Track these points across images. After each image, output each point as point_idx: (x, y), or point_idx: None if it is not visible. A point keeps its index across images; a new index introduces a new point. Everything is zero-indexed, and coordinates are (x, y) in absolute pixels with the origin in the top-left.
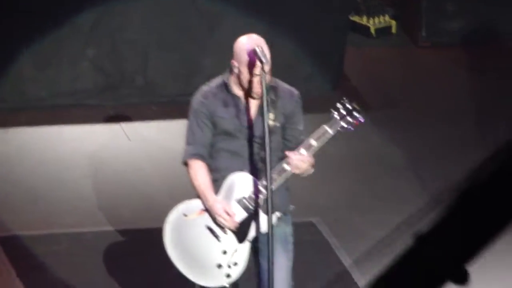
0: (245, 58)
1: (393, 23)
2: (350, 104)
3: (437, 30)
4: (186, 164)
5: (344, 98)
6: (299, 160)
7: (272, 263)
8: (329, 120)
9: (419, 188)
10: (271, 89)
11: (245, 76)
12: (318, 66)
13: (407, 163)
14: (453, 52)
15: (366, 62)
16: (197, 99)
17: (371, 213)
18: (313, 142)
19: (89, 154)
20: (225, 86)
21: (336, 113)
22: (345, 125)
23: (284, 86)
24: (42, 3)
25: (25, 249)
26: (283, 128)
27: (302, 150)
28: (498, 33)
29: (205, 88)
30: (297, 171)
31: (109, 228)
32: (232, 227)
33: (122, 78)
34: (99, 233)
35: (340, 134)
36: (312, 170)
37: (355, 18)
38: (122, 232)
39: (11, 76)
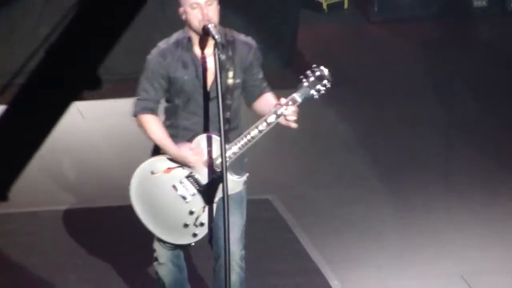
0: (189, 10)
1: None
2: (319, 70)
3: (389, 5)
4: (135, 116)
5: (314, 65)
6: (294, 112)
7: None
8: (298, 88)
9: (373, 163)
10: (228, 44)
11: (192, 21)
12: (270, 42)
13: (360, 139)
14: (405, 27)
15: (318, 38)
16: (155, 58)
17: (327, 189)
18: (297, 97)
19: None
20: (182, 43)
21: (305, 80)
22: (315, 93)
23: (240, 38)
24: None
25: None
26: (244, 81)
27: (290, 103)
28: (449, 7)
29: (162, 45)
30: (288, 123)
31: (65, 207)
32: (202, 163)
33: None
34: (54, 211)
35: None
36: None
37: None
38: (78, 211)
39: None
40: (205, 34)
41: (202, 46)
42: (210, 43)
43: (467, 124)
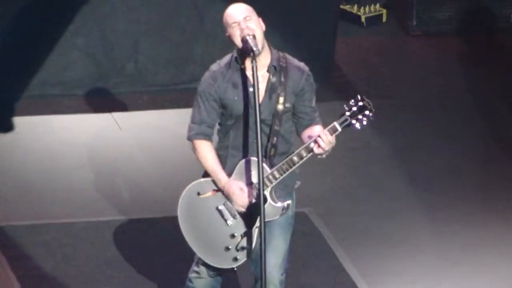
0: (228, 22)
1: (384, 11)
2: (362, 100)
3: (427, 19)
4: (190, 141)
5: (358, 96)
6: (328, 143)
7: (265, 248)
8: (339, 117)
9: (409, 178)
10: (281, 68)
11: (236, 39)
12: (308, 55)
13: (397, 154)
14: (444, 41)
15: (357, 51)
16: (206, 81)
17: (363, 203)
18: (338, 126)
19: (80, 144)
20: (233, 64)
21: (347, 109)
22: (356, 123)
23: (293, 63)
24: None
25: (15, 239)
26: (295, 106)
27: (326, 132)
28: (489, 21)
29: (214, 67)
30: (319, 152)
31: (100, 218)
32: (246, 205)
33: (113, 67)
34: (89, 223)
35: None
36: (325, 154)
37: (346, 7)
38: (113, 223)
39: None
40: (244, 46)
41: (251, 67)
42: (260, 64)
43: (505, 139)
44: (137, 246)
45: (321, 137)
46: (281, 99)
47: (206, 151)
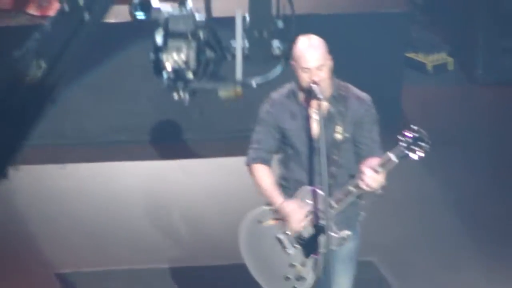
0: (300, 63)
1: (450, 60)
2: (417, 131)
3: (495, 67)
4: (248, 166)
5: (412, 126)
6: (372, 179)
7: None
8: (394, 147)
9: (476, 229)
10: (341, 98)
11: (301, 80)
12: (374, 103)
13: (464, 203)
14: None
15: (422, 99)
16: (265, 108)
17: (429, 253)
18: (393, 157)
19: (146, 190)
20: (293, 94)
21: (402, 140)
22: (410, 153)
23: (354, 93)
24: (99, 39)
25: (83, 286)
26: (354, 137)
27: (379, 167)
28: None
29: (273, 95)
30: (367, 189)
31: (166, 265)
32: (301, 226)
33: (179, 114)
34: (155, 270)
35: (396, 172)
36: (380, 191)
37: (411, 55)
38: (179, 270)
39: (69, 112)
40: (308, 91)
41: (311, 98)
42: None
43: None
44: None
45: (365, 174)
46: (340, 129)
47: (263, 174)
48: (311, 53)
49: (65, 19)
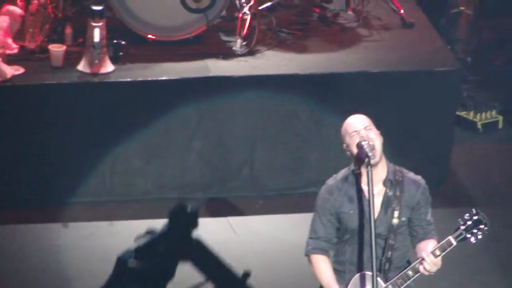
0: (348, 130)
1: (500, 118)
2: (477, 214)
3: None
4: (307, 256)
5: (473, 210)
6: (433, 264)
7: None
8: (454, 231)
9: None
10: (397, 182)
11: (352, 147)
12: (423, 160)
13: None
14: None
15: (472, 157)
16: (322, 195)
17: None
18: (453, 241)
19: None
20: (349, 177)
21: (462, 223)
22: (470, 236)
23: (409, 177)
24: (150, 97)
25: None
26: (410, 220)
27: (438, 251)
28: None
29: (330, 182)
30: (426, 273)
31: None
32: None
33: (229, 171)
34: None
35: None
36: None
37: (462, 113)
38: None
39: (118, 169)
40: (359, 151)
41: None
42: (376, 178)
43: None
44: None
45: (425, 260)
46: (397, 213)
47: (322, 265)
48: (356, 118)
49: None
